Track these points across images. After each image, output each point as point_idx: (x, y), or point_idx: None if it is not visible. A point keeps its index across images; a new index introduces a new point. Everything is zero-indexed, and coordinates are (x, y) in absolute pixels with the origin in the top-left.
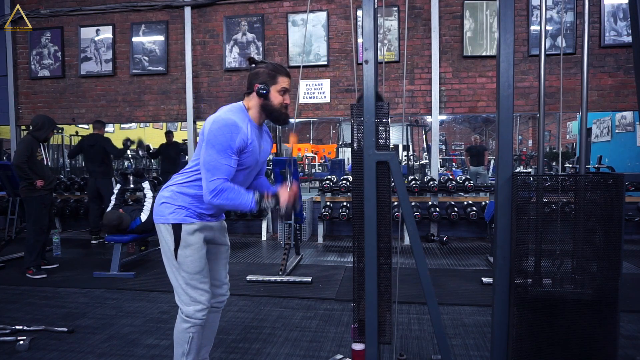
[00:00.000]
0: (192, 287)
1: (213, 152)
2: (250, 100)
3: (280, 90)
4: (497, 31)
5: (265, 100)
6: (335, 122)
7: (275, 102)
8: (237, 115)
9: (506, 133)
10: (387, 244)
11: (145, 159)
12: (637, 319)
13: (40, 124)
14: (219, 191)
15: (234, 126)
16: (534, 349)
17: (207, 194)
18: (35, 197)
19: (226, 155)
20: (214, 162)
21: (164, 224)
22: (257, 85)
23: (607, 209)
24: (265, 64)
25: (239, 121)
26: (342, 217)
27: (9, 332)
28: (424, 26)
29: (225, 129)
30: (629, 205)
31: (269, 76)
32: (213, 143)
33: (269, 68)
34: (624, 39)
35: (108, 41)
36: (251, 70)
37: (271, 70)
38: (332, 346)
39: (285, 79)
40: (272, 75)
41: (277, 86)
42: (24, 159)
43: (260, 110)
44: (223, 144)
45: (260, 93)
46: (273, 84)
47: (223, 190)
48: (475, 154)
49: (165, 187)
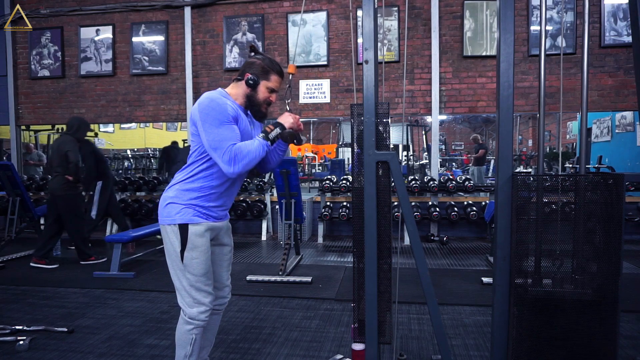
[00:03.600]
0: (196, 289)
1: (212, 128)
2: (237, 88)
3: (268, 88)
4: (497, 31)
5: (252, 91)
6: (335, 122)
7: (261, 96)
8: (217, 94)
9: (506, 133)
10: (387, 244)
11: (145, 160)
12: (637, 319)
13: (77, 125)
14: (234, 156)
15: (219, 99)
16: (534, 349)
17: (227, 167)
18: (77, 194)
19: (225, 124)
20: (218, 137)
21: (170, 224)
22: (249, 74)
23: (607, 209)
24: (263, 57)
25: (221, 98)
26: (342, 217)
27: (9, 332)
28: (424, 26)
29: (213, 103)
30: (629, 205)
31: (263, 70)
32: (209, 120)
33: (265, 62)
34: (624, 39)
35: (108, 41)
36: (249, 58)
37: (267, 65)
38: (332, 346)
39: (277, 78)
40: (265, 70)
41: (268, 83)
42: (79, 157)
43: (244, 98)
44: (218, 116)
45: (249, 83)
46: (264, 79)
47: (236, 153)
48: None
49: (168, 188)
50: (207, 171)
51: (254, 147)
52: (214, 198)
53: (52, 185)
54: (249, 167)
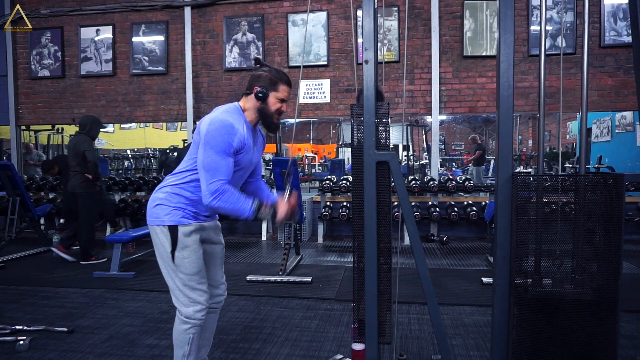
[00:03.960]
0: (190, 288)
1: (212, 153)
2: (247, 102)
3: (278, 98)
4: (497, 31)
5: (263, 104)
6: (335, 122)
7: (272, 107)
8: (233, 116)
9: (506, 133)
10: (387, 244)
11: (145, 160)
12: (637, 319)
13: (90, 123)
14: (220, 193)
15: (230, 127)
16: (534, 349)
17: (208, 195)
18: (96, 192)
19: (225, 156)
20: (214, 164)
21: (159, 225)
22: (257, 87)
23: (607, 209)
24: (269, 68)
25: (235, 122)
26: (342, 217)
27: (9, 332)
28: (424, 26)
29: (222, 130)
30: (629, 205)
31: (271, 82)
32: (211, 144)
33: (271, 74)
34: (624, 39)
35: (108, 41)
36: (255, 71)
37: (274, 76)
38: (332, 346)
39: (286, 88)
40: (273, 81)
41: (277, 94)
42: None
43: (256, 112)
44: (221, 145)
45: (259, 96)
46: (273, 90)
47: (224, 192)
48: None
49: (158, 189)
50: (198, 182)
51: (239, 206)
52: (202, 209)
53: (71, 183)
54: (220, 212)
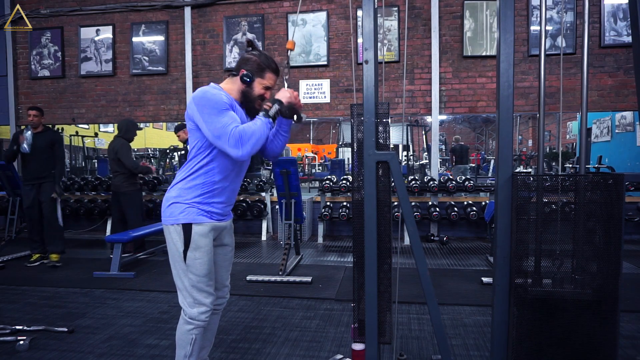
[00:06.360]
0: (198, 289)
1: (211, 117)
2: (232, 83)
3: (263, 85)
4: (497, 31)
5: (247, 87)
6: (335, 122)
7: (256, 93)
8: (210, 87)
9: (506, 133)
10: (387, 244)
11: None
12: (637, 319)
13: (125, 126)
14: (239, 138)
15: (213, 90)
16: (534, 349)
17: (235, 151)
18: (138, 190)
19: (224, 111)
20: (219, 124)
21: (173, 224)
22: (244, 71)
23: (607, 209)
24: (259, 53)
25: (214, 89)
26: (342, 217)
27: (9, 332)
28: (424, 26)
29: (208, 94)
30: (629, 205)
31: (258, 67)
32: (207, 110)
33: (260, 59)
34: (624, 39)
35: (108, 41)
36: (245, 52)
37: (262, 62)
38: (332, 346)
39: (273, 76)
40: (261, 67)
41: (263, 80)
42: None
43: (239, 94)
44: (215, 105)
45: (244, 80)
46: (259, 76)
47: (241, 135)
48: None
49: (171, 188)
50: (207, 166)
51: (257, 126)
52: (217, 193)
53: (114, 182)
54: (257, 148)
